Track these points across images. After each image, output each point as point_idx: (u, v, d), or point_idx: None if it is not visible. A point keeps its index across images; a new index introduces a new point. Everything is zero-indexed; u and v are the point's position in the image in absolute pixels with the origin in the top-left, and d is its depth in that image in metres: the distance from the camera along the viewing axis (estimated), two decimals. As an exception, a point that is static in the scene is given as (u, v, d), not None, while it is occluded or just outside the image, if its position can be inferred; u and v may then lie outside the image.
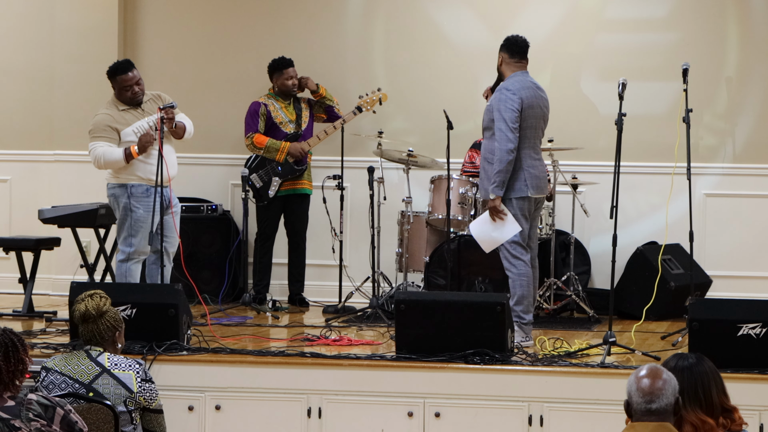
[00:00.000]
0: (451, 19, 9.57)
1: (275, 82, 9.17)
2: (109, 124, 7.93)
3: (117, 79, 8.01)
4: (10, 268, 9.03)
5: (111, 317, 5.46)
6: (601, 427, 6.37)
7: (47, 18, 9.90)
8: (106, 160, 7.90)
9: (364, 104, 9.07)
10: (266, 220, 9.17)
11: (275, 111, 9.14)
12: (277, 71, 9.15)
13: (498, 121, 7.27)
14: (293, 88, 9.16)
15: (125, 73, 7.99)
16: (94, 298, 5.45)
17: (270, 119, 9.12)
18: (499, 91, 7.35)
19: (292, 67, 9.16)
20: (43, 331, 7.73)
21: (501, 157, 7.23)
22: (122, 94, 8.00)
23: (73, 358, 5.40)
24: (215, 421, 6.77)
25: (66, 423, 4.31)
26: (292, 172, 9.10)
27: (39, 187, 9.87)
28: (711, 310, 6.66)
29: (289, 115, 9.17)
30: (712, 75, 9.22)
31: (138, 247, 7.94)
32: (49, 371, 5.37)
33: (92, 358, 5.37)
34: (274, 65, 9.16)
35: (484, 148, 7.44)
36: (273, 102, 9.17)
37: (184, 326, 7.01)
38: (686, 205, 7.75)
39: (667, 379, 4.05)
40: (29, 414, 4.25)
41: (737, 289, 8.95)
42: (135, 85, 7.99)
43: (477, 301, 7.04)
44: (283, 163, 9.07)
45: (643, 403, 4.01)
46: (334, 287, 9.09)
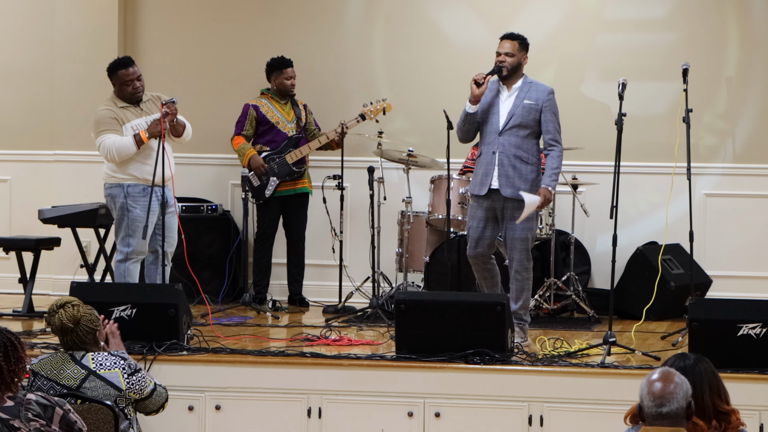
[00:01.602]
0: (451, 19, 9.57)
1: (273, 81, 9.17)
2: (112, 117, 7.91)
3: (118, 74, 7.99)
4: (10, 268, 9.03)
5: (87, 321, 5.37)
6: (601, 427, 6.37)
7: (47, 18, 9.90)
8: (118, 148, 7.84)
9: (368, 113, 9.06)
10: (265, 220, 9.18)
11: (269, 111, 9.13)
12: (277, 70, 9.14)
13: (555, 123, 7.42)
14: (291, 89, 9.16)
15: (126, 68, 8.00)
16: (67, 308, 5.34)
17: (264, 120, 9.12)
18: (551, 93, 7.44)
19: (291, 68, 9.16)
20: (43, 331, 7.72)
21: (561, 156, 7.43)
22: (123, 90, 7.98)
23: (59, 362, 5.34)
24: (215, 421, 6.78)
25: (65, 423, 4.31)
26: (291, 173, 9.10)
27: (39, 187, 9.87)
28: (711, 310, 6.66)
29: (286, 115, 9.17)
30: (712, 75, 9.22)
31: (136, 247, 7.93)
32: (37, 375, 5.32)
33: (77, 361, 5.33)
34: (273, 64, 9.16)
35: (519, 146, 7.42)
36: (267, 102, 9.17)
37: (184, 326, 7.02)
38: (686, 205, 7.75)
39: (679, 383, 4.02)
40: (28, 414, 4.24)
41: (737, 289, 8.95)
42: (136, 80, 7.98)
43: (477, 301, 7.05)
44: (281, 163, 9.07)
45: (653, 407, 3.99)
46: (334, 287, 9.08)
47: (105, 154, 7.91)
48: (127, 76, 7.97)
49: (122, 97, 8.00)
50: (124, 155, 7.88)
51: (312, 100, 9.47)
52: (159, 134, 7.77)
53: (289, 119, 9.18)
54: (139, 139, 7.83)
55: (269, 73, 9.18)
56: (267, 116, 9.14)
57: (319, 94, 9.56)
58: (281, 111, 9.17)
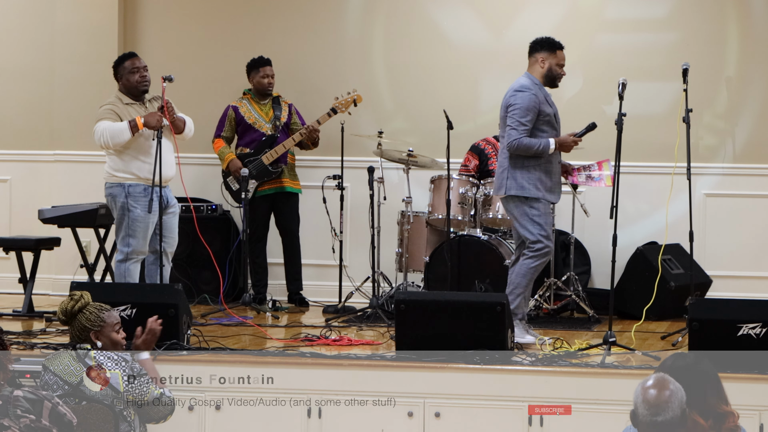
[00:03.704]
0: (451, 18, 9.57)
1: (252, 80, 9.20)
2: (113, 110, 7.87)
3: (125, 65, 7.97)
4: (10, 268, 9.03)
5: (84, 318, 5.43)
6: (601, 427, 6.36)
7: (47, 18, 9.91)
8: (111, 132, 7.78)
9: (339, 106, 9.06)
10: (254, 220, 9.14)
11: (247, 112, 9.16)
12: (254, 69, 9.18)
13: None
14: (269, 87, 9.17)
15: (133, 58, 8.01)
16: (71, 300, 5.45)
17: (242, 121, 9.16)
18: None
19: (269, 66, 9.17)
20: (43, 331, 7.73)
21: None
22: (130, 80, 7.93)
23: (66, 358, 5.38)
24: (215, 421, 6.77)
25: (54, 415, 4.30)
26: (268, 174, 9.11)
27: (39, 187, 9.87)
28: (711, 310, 6.66)
29: (264, 115, 9.18)
30: (712, 75, 9.22)
31: (136, 247, 7.92)
32: (47, 370, 5.38)
33: (80, 359, 5.35)
34: (251, 63, 9.20)
35: None
36: (246, 102, 9.20)
37: (184, 326, 7.02)
38: (686, 205, 7.75)
39: (674, 390, 3.97)
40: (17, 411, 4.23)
41: (737, 289, 8.95)
42: (143, 69, 7.98)
43: (477, 301, 7.04)
44: (257, 165, 9.07)
45: (648, 415, 3.95)
46: (334, 287, 9.08)
47: (98, 137, 7.83)
48: (134, 64, 7.97)
49: (128, 89, 7.96)
50: (118, 141, 7.80)
51: (312, 100, 9.47)
52: (155, 125, 7.72)
53: (267, 119, 9.18)
54: (134, 124, 7.76)
55: (248, 72, 9.22)
56: (245, 117, 9.17)
57: (319, 95, 9.55)
58: (259, 111, 9.18)
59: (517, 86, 7.41)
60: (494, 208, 8.64)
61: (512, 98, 7.37)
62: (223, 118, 9.22)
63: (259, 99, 9.20)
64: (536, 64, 7.50)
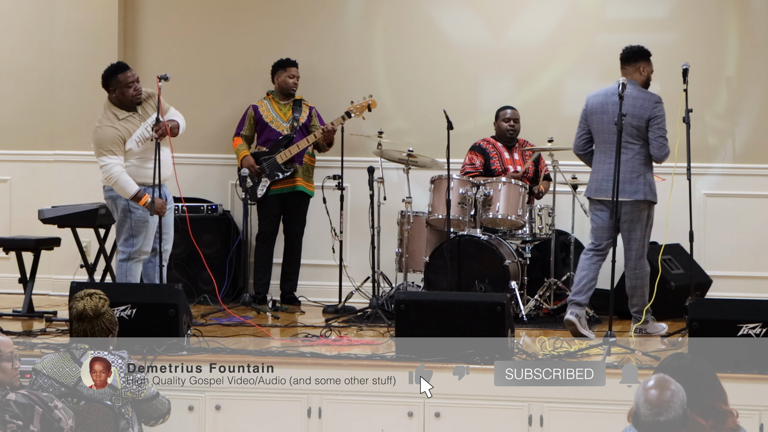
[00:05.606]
0: (451, 19, 9.57)
1: (277, 79, 9.26)
2: (118, 136, 7.78)
3: (118, 78, 7.84)
4: (10, 268, 9.03)
5: (107, 320, 5.46)
6: (601, 427, 6.36)
7: (47, 18, 9.91)
8: (119, 185, 7.75)
9: (354, 110, 9.10)
10: (264, 219, 9.21)
11: (266, 111, 9.23)
12: (281, 68, 9.28)
13: None
14: (293, 87, 9.24)
15: (125, 71, 7.88)
16: (93, 298, 5.45)
17: (260, 120, 9.22)
18: None
19: (295, 67, 9.29)
20: (43, 331, 7.73)
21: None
22: (124, 94, 7.84)
23: (59, 360, 5.38)
24: (215, 421, 6.77)
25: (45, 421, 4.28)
26: (282, 172, 9.14)
27: (39, 187, 9.87)
28: (711, 310, 6.66)
29: (282, 115, 9.21)
30: (712, 75, 9.22)
31: (140, 246, 7.92)
32: (38, 374, 5.35)
33: (76, 360, 5.35)
34: (278, 63, 9.33)
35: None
36: (267, 102, 9.27)
37: (184, 326, 7.01)
38: (686, 205, 7.75)
39: (675, 390, 3.99)
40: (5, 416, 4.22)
41: (737, 289, 8.95)
42: (136, 82, 7.90)
43: (477, 301, 7.04)
44: (271, 163, 9.10)
45: (651, 415, 3.96)
46: (334, 287, 9.08)
47: (106, 176, 7.77)
48: (127, 78, 7.82)
49: (122, 102, 7.85)
50: (120, 191, 7.79)
51: (312, 100, 9.47)
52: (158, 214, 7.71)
53: (285, 119, 9.21)
54: (140, 197, 7.72)
55: (274, 72, 9.30)
56: (263, 116, 9.23)
57: (319, 94, 9.55)
58: (277, 111, 9.22)
59: (656, 97, 7.67)
60: (494, 209, 8.64)
61: (656, 110, 7.64)
62: (244, 116, 9.34)
63: (280, 99, 9.28)
64: (636, 72, 7.71)
